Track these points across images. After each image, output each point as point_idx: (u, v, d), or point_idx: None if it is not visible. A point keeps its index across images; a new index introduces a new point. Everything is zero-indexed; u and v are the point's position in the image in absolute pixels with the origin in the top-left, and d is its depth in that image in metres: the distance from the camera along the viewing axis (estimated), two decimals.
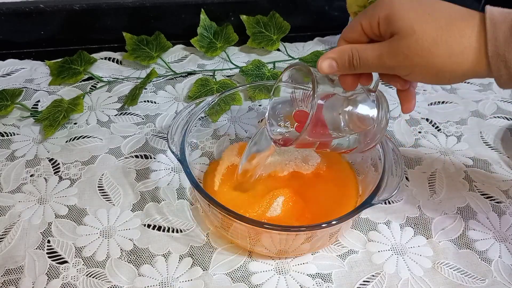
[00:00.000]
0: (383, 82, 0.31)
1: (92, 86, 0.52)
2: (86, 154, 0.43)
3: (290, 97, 0.34)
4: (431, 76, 0.27)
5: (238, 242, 0.35)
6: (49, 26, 0.55)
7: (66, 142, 0.45)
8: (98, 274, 0.34)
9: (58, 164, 0.42)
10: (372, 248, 0.37)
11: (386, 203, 0.40)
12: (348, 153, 0.34)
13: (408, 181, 0.42)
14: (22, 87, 0.51)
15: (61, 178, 0.41)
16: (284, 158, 0.40)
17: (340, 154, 0.42)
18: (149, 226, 0.37)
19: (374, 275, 0.35)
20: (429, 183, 0.42)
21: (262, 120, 0.37)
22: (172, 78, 0.53)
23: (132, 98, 0.48)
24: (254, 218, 0.31)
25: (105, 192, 0.40)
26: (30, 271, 0.34)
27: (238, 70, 0.54)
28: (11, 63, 0.54)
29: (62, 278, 0.34)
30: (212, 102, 0.39)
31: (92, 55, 0.54)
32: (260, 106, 0.48)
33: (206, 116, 0.40)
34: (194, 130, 0.39)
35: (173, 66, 0.54)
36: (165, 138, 0.45)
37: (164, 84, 0.52)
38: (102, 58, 0.55)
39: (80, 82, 0.52)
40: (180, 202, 0.39)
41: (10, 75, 0.53)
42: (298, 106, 0.34)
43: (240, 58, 0.56)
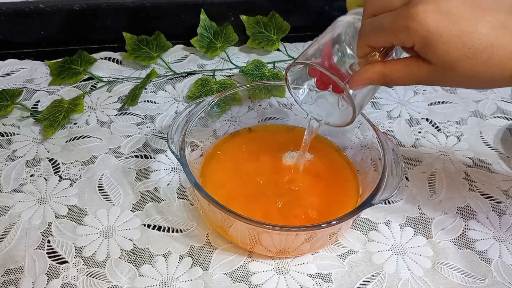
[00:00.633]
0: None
1: (92, 86, 0.52)
2: (86, 154, 0.43)
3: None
4: (473, 86, 0.26)
5: (238, 242, 0.35)
6: (49, 26, 0.55)
7: (66, 142, 0.44)
8: (98, 274, 0.34)
9: (58, 164, 0.42)
10: (372, 248, 0.37)
11: (386, 203, 0.40)
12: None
13: (408, 181, 0.42)
14: (22, 87, 0.50)
15: (61, 178, 0.41)
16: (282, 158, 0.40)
17: (340, 153, 0.42)
18: (149, 226, 0.37)
19: (374, 275, 0.35)
20: (429, 183, 0.42)
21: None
22: (172, 78, 0.53)
23: (132, 98, 0.48)
24: (253, 218, 0.30)
25: (105, 192, 0.40)
26: (30, 271, 0.34)
27: (238, 70, 0.54)
28: (11, 63, 0.54)
29: (62, 278, 0.34)
30: (212, 102, 0.39)
31: (92, 55, 0.54)
32: (260, 106, 0.48)
33: (206, 116, 0.40)
34: (194, 130, 0.38)
35: (173, 66, 0.54)
36: (165, 138, 0.45)
37: (164, 84, 0.52)
38: (102, 58, 0.55)
39: (80, 82, 0.52)
40: (180, 202, 0.39)
41: (10, 75, 0.52)
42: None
43: (240, 58, 0.56)
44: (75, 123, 0.47)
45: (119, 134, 0.45)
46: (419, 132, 0.47)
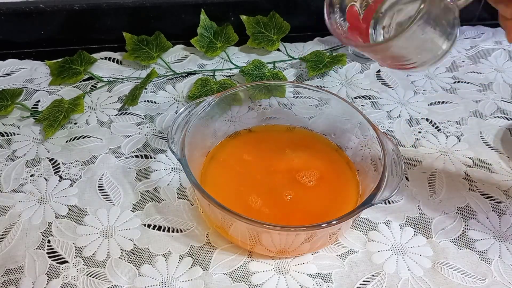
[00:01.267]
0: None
1: (92, 86, 0.52)
2: (86, 154, 0.43)
3: None
4: None
5: (238, 242, 0.35)
6: (49, 26, 0.55)
7: (66, 142, 0.44)
8: (98, 274, 0.34)
9: (58, 164, 0.42)
10: (372, 248, 0.37)
11: (386, 203, 0.40)
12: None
13: (408, 181, 0.42)
14: (22, 87, 0.50)
15: (61, 178, 0.41)
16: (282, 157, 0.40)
17: (340, 153, 0.42)
18: (149, 226, 0.37)
19: (374, 275, 0.35)
20: (429, 183, 0.42)
21: None
22: (172, 78, 0.53)
23: (132, 98, 0.48)
24: (254, 218, 0.30)
25: (105, 192, 0.40)
26: (30, 271, 0.34)
27: (238, 70, 0.54)
28: (11, 63, 0.54)
29: (62, 278, 0.34)
30: (212, 102, 0.39)
31: (92, 55, 0.54)
32: (260, 106, 0.48)
33: (206, 116, 0.40)
34: (194, 130, 0.38)
35: (173, 66, 0.54)
36: (165, 138, 0.45)
37: (164, 84, 0.52)
38: (102, 58, 0.55)
39: (80, 82, 0.52)
40: (180, 202, 0.39)
41: (10, 75, 0.52)
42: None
43: (240, 58, 0.56)
44: (75, 123, 0.47)
45: (119, 134, 0.45)
46: (419, 132, 0.47)
